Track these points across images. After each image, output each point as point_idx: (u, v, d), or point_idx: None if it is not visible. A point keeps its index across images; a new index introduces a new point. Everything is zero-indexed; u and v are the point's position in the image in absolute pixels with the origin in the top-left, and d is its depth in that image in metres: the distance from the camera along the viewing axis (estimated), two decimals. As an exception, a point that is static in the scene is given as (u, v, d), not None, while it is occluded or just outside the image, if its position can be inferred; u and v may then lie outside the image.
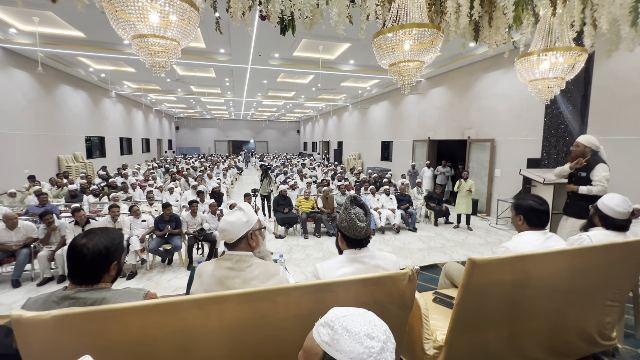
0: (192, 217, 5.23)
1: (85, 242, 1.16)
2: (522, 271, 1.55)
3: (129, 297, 1.20)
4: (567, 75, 2.76)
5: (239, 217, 1.47)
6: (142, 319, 1.00)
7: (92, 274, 1.15)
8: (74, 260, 1.15)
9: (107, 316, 0.97)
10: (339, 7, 2.32)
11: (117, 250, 1.24)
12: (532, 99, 6.94)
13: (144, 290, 1.27)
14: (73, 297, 1.13)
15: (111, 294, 1.18)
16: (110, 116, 14.82)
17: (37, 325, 0.90)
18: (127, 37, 1.91)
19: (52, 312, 0.91)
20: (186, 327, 1.04)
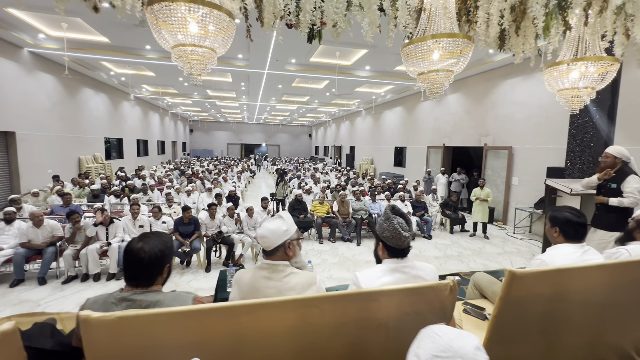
0: (210, 220, 5.30)
1: (141, 246, 1.21)
2: (560, 284, 1.53)
3: (180, 300, 1.25)
4: (597, 85, 2.73)
5: (279, 225, 1.50)
6: (199, 322, 1.03)
7: (148, 276, 1.20)
8: (131, 263, 1.20)
9: (166, 319, 1.00)
10: (371, 17, 2.35)
11: (170, 253, 1.29)
12: (552, 107, 6.84)
13: (192, 294, 1.31)
14: (130, 299, 1.18)
15: (164, 297, 1.23)
16: (129, 118, 15.17)
17: (102, 325, 0.94)
18: (168, 47, 1.97)
19: (116, 314, 0.95)
20: (238, 331, 1.07)
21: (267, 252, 1.50)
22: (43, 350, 1.12)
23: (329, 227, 6.76)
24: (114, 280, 4.54)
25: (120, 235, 4.83)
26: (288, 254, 1.51)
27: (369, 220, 6.93)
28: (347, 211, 7.05)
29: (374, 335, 1.29)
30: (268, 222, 1.53)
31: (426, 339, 0.75)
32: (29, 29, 7.11)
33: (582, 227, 1.75)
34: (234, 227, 5.50)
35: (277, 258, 1.49)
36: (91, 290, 4.30)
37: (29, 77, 8.34)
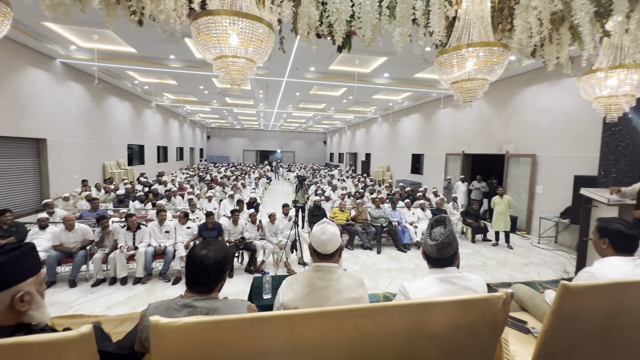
0: (233, 226, 5.37)
1: (206, 252, 1.25)
2: (614, 299, 1.48)
3: (237, 307, 1.27)
4: (638, 92, 2.65)
5: (336, 229, 1.58)
6: (257, 330, 1.04)
7: (211, 282, 1.24)
8: (196, 270, 1.24)
9: (228, 326, 1.02)
10: (405, 27, 2.37)
11: (231, 260, 1.32)
12: (578, 114, 6.67)
13: (247, 302, 1.34)
14: (192, 305, 1.21)
15: (222, 304, 1.26)
16: (150, 125, 15.61)
17: (170, 331, 0.96)
18: (210, 59, 2.03)
19: (182, 320, 0.98)
20: (294, 340, 1.08)
21: (325, 255, 1.56)
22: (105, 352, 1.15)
23: (348, 234, 6.73)
24: (140, 284, 4.63)
25: (147, 241, 4.94)
26: (339, 256, 1.59)
27: (389, 228, 6.86)
28: (365, 219, 7.01)
29: (424, 347, 1.28)
30: (328, 226, 1.59)
31: None
32: (61, 40, 7.45)
33: (634, 239, 1.69)
34: (256, 234, 5.55)
35: (333, 260, 1.56)
36: (119, 293, 4.40)
37: (60, 87, 8.71)
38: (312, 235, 1.61)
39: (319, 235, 1.57)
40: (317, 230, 1.59)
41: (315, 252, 1.58)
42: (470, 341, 1.33)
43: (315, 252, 1.59)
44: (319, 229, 1.59)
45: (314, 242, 1.58)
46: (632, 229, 1.69)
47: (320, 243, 1.55)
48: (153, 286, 4.62)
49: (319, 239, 1.56)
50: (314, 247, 1.59)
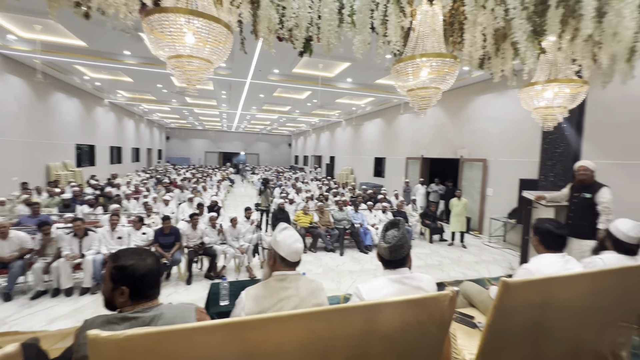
0: (192, 230, 5.17)
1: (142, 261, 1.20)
2: (547, 293, 1.63)
3: (183, 311, 1.23)
4: (569, 104, 2.94)
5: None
6: (207, 338, 1.01)
7: (155, 291, 1.18)
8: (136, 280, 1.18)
9: (176, 336, 0.98)
10: (363, 34, 2.44)
11: (161, 267, 1.26)
12: (524, 122, 7.25)
13: (194, 305, 1.29)
14: (132, 317, 1.14)
15: (166, 309, 1.21)
16: (102, 124, 14.62)
17: (111, 345, 0.91)
18: (164, 57, 1.96)
19: (125, 332, 0.93)
20: (248, 348, 1.06)
21: (293, 263, 1.53)
22: (38, 372, 1.06)
23: (311, 237, 6.76)
24: (89, 295, 4.31)
25: (96, 247, 4.61)
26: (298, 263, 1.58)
27: (352, 230, 6.99)
28: (328, 221, 7.08)
29: (378, 347, 1.32)
30: (295, 233, 1.56)
31: None
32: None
33: (560, 238, 1.86)
34: (216, 238, 5.39)
35: (294, 268, 1.54)
36: (63, 305, 4.06)
37: (-5, 80, 7.89)
38: (279, 242, 1.51)
39: (292, 243, 1.50)
40: (286, 237, 1.51)
41: (284, 261, 1.52)
42: (421, 339, 1.39)
43: (283, 260, 1.51)
44: (287, 235, 1.52)
45: (285, 250, 1.50)
46: (561, 230, 1.87)
47: (293, 252, 1.50)
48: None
49: (291, 247, 1.50)
50: (282, 255, 1.51)
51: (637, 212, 5.15)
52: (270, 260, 1.55)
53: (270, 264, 1.54)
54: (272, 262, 1.54)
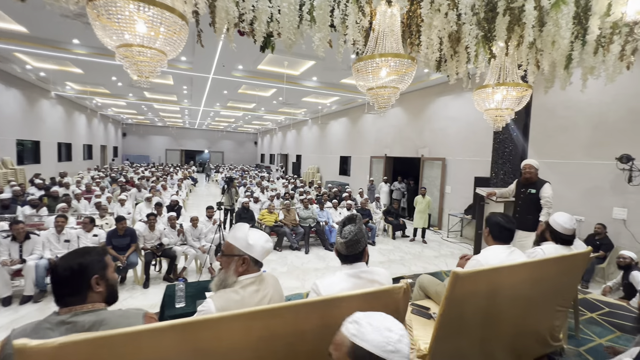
0: (149, 232, 4.92)
1: (59, 262, 1.14)
2: (493, 282, 1.74)
3: (129, 317, 1.15)
4: (515, 106, 3.16)
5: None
6: (154, 342, 0.96)
7: (72, 292, 1.11)
8: (53, 282, 1.12)
9: (116, 342, 0.92)
10: (322, 32, 2.44)
11: (94, 264, 1.17)
12: (478, 123, 7.68)
13: (142, 311, 1.22)
14: (70, 322, 1.06)
15: (110, 315, 1.13)
16: (48, 119, 13.45)
17: (43, 354, 0.83)
18: (112, 46, 1.83)
19: (59, 340, 0.85)
20: (200, 348, 1.02)
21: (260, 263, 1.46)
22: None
23: (276, 236, 6.70)
24: (31, 304, 3.96)
25: (39, 252, 4.23)
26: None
27: (317, 228, 7.02)
28: (294, 219, 7.07)
29: (334, 341, 1.33)
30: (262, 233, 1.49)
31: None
32: None
33: (507, 230, 2.00)
34: (176, 239, 5.17)
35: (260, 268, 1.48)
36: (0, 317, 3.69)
37: None
38: (253, 245, 1.41)
39: (264, 242, 1.44)
40: (258, 238, 1.44)
41: (257, 263, 1.44)
42: (377, 331, 1.43)
43: (256, 263, 1.44)
44: (259, 236, 1.45)
45: (259, 252, 1.43)
46: (509, 224, 2.00)
47: (266, 251, 1.45)
48: (47, 305, 3.99)
49: (265, 247, 1.44)
50: (256, 257, 1.42)
51: (573, 206, 5.68)
52: (241, 267, 1.40)
53: (241, 270, 1.40)
54: (243, 268, 1.40)
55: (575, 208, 5.67)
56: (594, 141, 5.51)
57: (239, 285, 1.37)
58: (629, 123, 5.09)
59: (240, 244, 1.42)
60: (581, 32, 2.51)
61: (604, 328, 2.91)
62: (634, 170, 4.86)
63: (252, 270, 1.42)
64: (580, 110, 5.67)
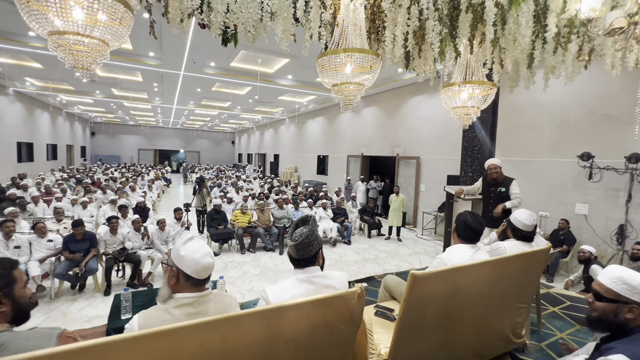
0: (111, 236, 4.65)
1: None
2: (454, 282, 1.70)
3: (38, 339, 1.01)
4: (481, 105, 3.18)
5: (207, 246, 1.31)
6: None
7: None
8: None
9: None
10: (283, 25, 2.34)
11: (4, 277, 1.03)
12: (450, 123, 7.80)
13: (58, 330, 1.08)
14: None
15: (12, 337, 0.98)
16: (5, 117, 12.58)
17: None
18: (42, 33, 1.66)
19: None
20: (118, 372, 0.90)
21: (201, 281, 1.27)
22: None
23: (250, 237, 6.54)
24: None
25: (-16, 260, 3.89)
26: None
27: (292, 229, 6.90)
28: (268, 220, 6.93)
29: (283, 352, 1.24)
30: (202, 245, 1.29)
31: None
32: None
33: (471, 230, 1.97)
34: (141, 243, 4.92)
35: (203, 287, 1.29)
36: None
37: None
38: (184, 257, 1.24)
39: (200, 257, 1.24)
40: (192, 251, 1.25)
41: (190, 279, 1.25)
42: (330, 338, 1.35)
43: (189, 279, 1.25)
44: (194, 249, 1.26)
45: (192, 266, 1.23)
46: (475, 224, 1.97)
47: (201, 268, 1.24)
48: (-7, 318, 3.67)
49: (199, 262, 1.24)
50: (188, 273, 1.24)
51: (538, 202, 5.86)
52: (172, 280, 1.26)
53: (172, 283, 1.26)
54: (173, 281, 1.26)
55: (540, 204, 5.85)
56: (557, 140, 5.71)
57: (173, 303, 1.21)
58: (588, 123, 5.30)
59: (173, 253, 1.27)
60: (541, 31, 2.54)
61: (565, 322, 2.98)
62: (593, 167, 5.06)
63: (186, 289, 1.25)
64: (545, 110, 5.86)
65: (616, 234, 4.85)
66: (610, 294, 1.26)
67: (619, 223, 4.86)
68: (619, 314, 1.24)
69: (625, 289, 1.23)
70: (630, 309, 1.22)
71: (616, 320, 1.24)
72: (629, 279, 1.23)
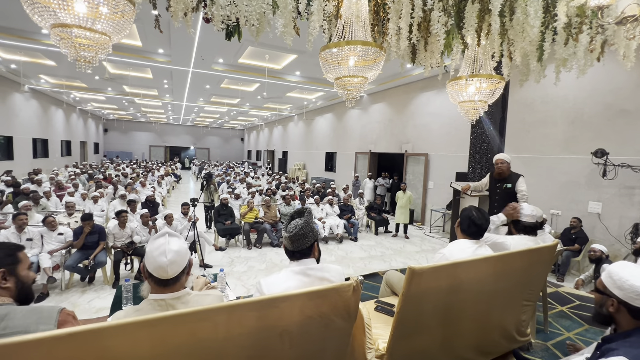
0: (120, 229, 4.73)
1: None
2: (455, 277, 1.67)
3: (39, 314, 1.04)
4: (489, 99, 3.11)
5: (181, 242, 1.25)
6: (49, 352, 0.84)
7: None
8: None
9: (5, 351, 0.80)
10: (285, 18, 2.33)
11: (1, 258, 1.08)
12: (459, 119, 7.68)
13: (58, 307, 1.10)
14: None
15: (14, 310, 1.01)
16: (21, 113, 12.91)
17: None
18: (45, 26, 1.68)
19: None
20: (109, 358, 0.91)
21: (167, 281, 1.19)
22: None
23: (257, 232, 6.57)
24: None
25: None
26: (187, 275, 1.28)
27: (298, 225, 6.91)
28: (274, 216, 6.95)
29: (277, 344, 1.24)
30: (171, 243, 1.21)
31: None
32: None
33: (475, 226, 1.93)
34: (148, 236, 4.99)
35: (178, 287, 1.23)
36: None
37: None
38: (147, 253, 1.21)
39: (157, 255, 1.17)
40: (153, 246, 1.20)
41: (151, 277, 1.20)
42: (325, 332, 1.34)
43: (151, 277, 1.20)
44: (155, 245, 1.21)
45: (150, 263, 1.19)
46: (480, 220, 1.93)
47: (157, 267, 1.17)
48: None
49: (156, 260, 1.17)
50: (149, 270, 1.20)
51: (550, 200, 5.73)
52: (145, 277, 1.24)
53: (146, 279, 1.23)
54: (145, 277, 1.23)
55: (551, 202, 5.72)
56: (570, 136, 5.56)
57: (145, 303, 1.18)
58: (603, 118, 5.14)
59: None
60: (551, 21, 2.46)
61: (573, 321, 2.91)
62: (608, 164, 4.91)
63: (154, 288, 1.20)
64: (558, 106, 5.71)
65: (631, 232, 4.70)
66: (600, 286, 1.30)
67: (634, 222, 4.71)
68: (603, 306, 1.27)
69: (609, 282, 1.25)
70: (612, 303, 1.24)
71: (601, 311, 1.28)
72: (614, 272, 1.25)
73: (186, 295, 1.23)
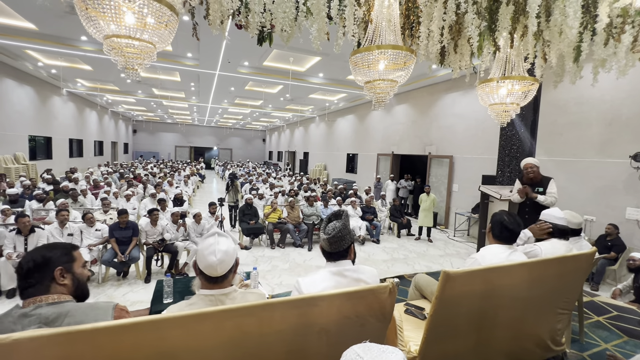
0: (152, 227, 4.94)
1: (25, 255, 1.14)
2: (489, 282, 1.66)
3: (97, 310, 1.12)
4: (521, 101, 3.04)
5: (230, 242, 1.31)
6: (116, 340, 0.92)
7: (34, 284, 1.09)
8: (17, 275, 1.12)
9: (76, 338, 0.88)
10: (319, 23, 2.38)
11: (58, 257, 1.16)
12: (486, 121, 7.50)
13: (113, 303, 1.19)
14: (31, 314, 1.03)
15: (75, 307, 1.10)
16: (60, 115, 13.70)
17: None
18: (99, 37, 1.81)
19: (13, 336, 0.82)
20: (165, 348, 0.98)
21: (216, 278, 1.25)
22: None
23: (280, 233, 6.67)
24: (33, 296, 4.01)
25: (43, 245, 4.29)
26: (234, 273, 1.34)
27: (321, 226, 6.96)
28: (297, 216, 7.03)
29: (315, 341, 1.28)
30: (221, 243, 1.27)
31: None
32: None
33: (508, 231, 1.90)
34: (177, 234, 5.18)
35: (226, 284, 1.29)
36: (4, 308, 3.75)
37: None
38: (198, 251, 1.28)
39: (208, 254, 1.24)
40: (204, 245, 1.27)
41: (202, 275, 1.27)
42: (360, 331, 1.37)
43: (201, 274, 1.27)
44: (207, 244, 1.27)
45: (201, 262, 1.25)
46: (512, 224, 1.90)
47: (207, 265, 1.24)
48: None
49: (206, 259, 1.23)
50: (200, 267, 1.27)
51: (583, 206, 5.49)
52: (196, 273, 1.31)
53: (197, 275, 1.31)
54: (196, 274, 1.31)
55: (585, 208, 5.48)
56: (606, 139, 5.31)
57: (198, 297, 1.25)
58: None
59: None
60: (590, 22, 2.39)
61: (611, 332, 2.79)
62: (648, 168, 4.66)
63: (204, 285, 1.26)
64: (593, 107, 5.47)
65: (673, 241, 4.44)
66: None
67: (677, 230, 4.45)
68: None
69: None
70: None
71: None
72: None
73: (233, 292, 1.29)
